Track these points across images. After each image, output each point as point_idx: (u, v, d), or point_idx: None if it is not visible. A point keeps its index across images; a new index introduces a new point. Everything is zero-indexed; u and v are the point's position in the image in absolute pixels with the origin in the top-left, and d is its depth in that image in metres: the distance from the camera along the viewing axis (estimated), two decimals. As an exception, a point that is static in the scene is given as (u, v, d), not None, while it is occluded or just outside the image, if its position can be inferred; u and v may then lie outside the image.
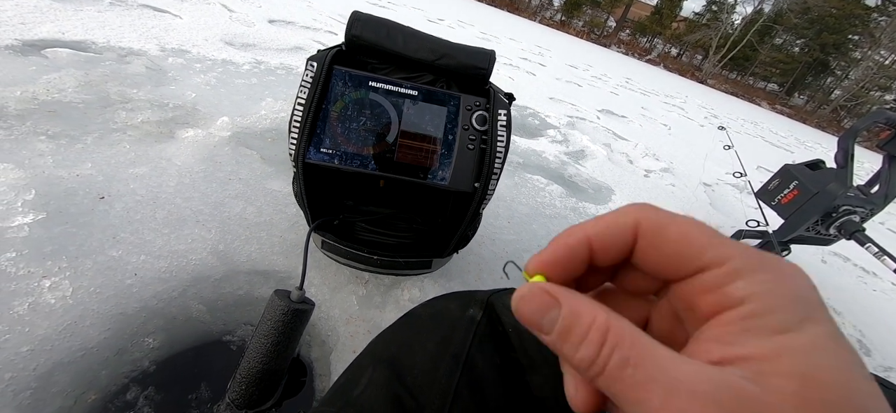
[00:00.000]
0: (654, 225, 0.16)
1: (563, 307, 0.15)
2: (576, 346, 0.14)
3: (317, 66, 0.55)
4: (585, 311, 0.15)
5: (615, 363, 0.13)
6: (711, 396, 0.12)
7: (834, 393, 0.12)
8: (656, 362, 0.13)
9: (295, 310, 0.53)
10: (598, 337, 0.14)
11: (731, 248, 0.14)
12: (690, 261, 0.15)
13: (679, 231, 0.15)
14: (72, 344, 0.54)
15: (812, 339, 0.12)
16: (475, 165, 0.59)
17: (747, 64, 28.08)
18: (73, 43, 1.18)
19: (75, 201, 0.69)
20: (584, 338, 0.14)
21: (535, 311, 0.16)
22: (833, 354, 0.12)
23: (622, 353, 0.13)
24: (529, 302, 0.16)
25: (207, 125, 0.99)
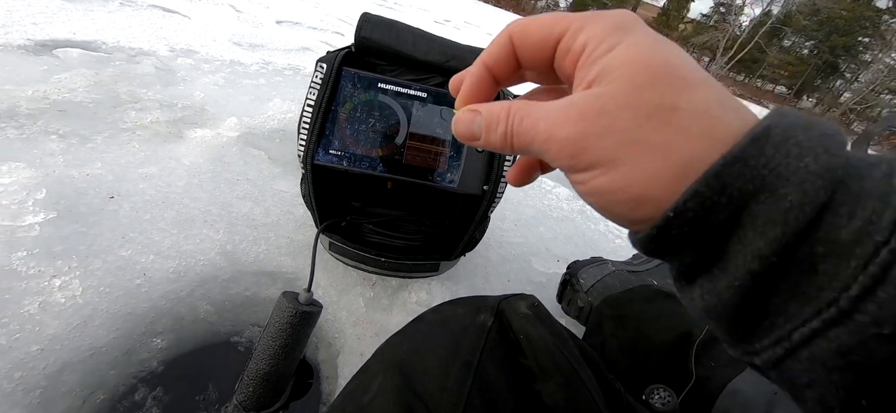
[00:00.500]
0: (521, 28, 0.20)
1: (483, 111, 0.20)
2: (494, 129, 0.20)
3: (326, 68, 0.55)
4: (495, 106, 0.20)
5: (516, 123, 0.19)
6: (572, 107, 0.17)
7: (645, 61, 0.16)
8: (540, 108, 0.18)
9: (303, 312, 0.53)
10: (505, 115, 0.19)
11: (572, 16, 0.18)
12: (549, 39, 0.19)
13: (536, 23, 0.19)
14: (81, 344, 0.54)
15: (629, 44, 0.17)
16: (484, 168, 0.59)
17: (755, 66, 27.83)
18: (83, 43, 1.19)
19: (85, 201, 0.69)
20: (498, 122, 0.19)
21: (466, 124, 0.21)
22: (644, 44, 0.16)
23: (519, 114, 0.19)
24: (461, 121, 0.21)
25: (216, 125, 1.00)
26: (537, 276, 0.88)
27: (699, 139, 0.15)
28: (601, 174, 0.16)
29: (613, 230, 1.23)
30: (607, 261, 0.78)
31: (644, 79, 0.16)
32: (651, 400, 0.42)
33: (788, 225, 0.13)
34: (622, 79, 0.16)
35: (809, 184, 0.13)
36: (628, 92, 0.16)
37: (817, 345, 0.13)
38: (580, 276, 0.74)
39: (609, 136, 0.16)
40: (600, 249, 1.09)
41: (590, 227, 1.19)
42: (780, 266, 0.14)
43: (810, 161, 0.13)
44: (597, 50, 0.17)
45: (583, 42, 0.18)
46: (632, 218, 0.17)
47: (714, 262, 0.15)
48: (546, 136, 0.18)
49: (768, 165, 0.14)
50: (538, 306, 0.37)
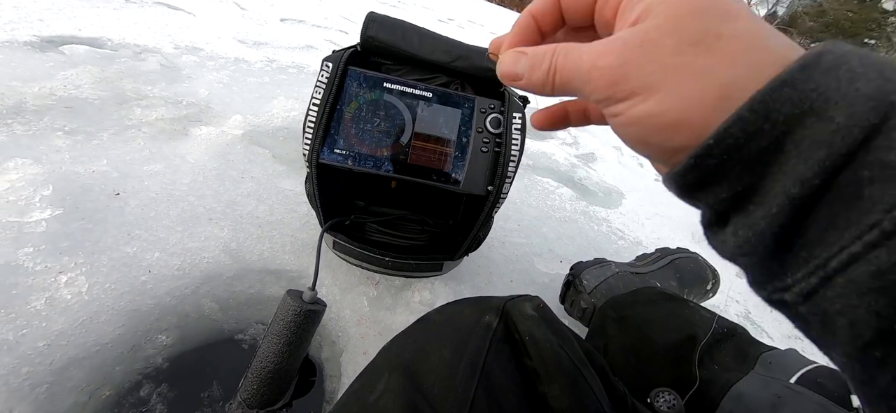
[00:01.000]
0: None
1: (528, 52, 0.21)
2: (538, 66, 0.20)
3: (332, 67, 0.55)
4: (540, 48, 0.21)
5: (560, 59, 0.19)
6: (614, 41, 0.18)
7: (656, 9, 0.17)
8: (584, 46, 0.19)
9: (307, 310, 0.53)
10: (549, 54, 0.20)
11: None
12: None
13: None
14: (87, 340, 0.54)
15: None
16: (489, 168, 0.59)
17: (760, 67, 27.69)
18: (89, 40, 1.19)
19: (91, 197, 0.70)
20: (542, 61, 0.20)
21: (511, 63, 0.22)
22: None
23: (564, 50, 0.19)
24: (507, 58, 0.22)
25: (220, 123, 1.00)
26: (540, 277, 0.88)
27: (743, 64, 0.14)
28: (639, 102, 0.16)
29: (617, 231, 1.23)
30: (611, 262, 0.78)
31: (687, 9, 0.16)
32: (656, 404, 0.42)
33: (834, 147, 0.13)
34: (665, 12, 0.16)
35: (859, 106, 0.12)
36: (672, 21, 0.16)
37: (855, 269, 0.12)
38: (583, 278, 0.74)
39: (650, 63, 0.16)
40: (604, 251, 1.09)
41: (593, 228, 1.19)
42: (822, 191, 0.13)
43: (862, 84, 0.13)
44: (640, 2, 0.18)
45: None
46: (668, 146, 0.17)
47: (750, 197, 0.15)
48: (588, 66, 0.18)
49: (817, 89, 0.13)
50: (543, 308, 0.37)
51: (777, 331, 1.05)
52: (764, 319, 1.08)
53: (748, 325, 1.03)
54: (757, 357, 0.51)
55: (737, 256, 0.16)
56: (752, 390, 0.45)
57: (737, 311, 1.06)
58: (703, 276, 0.81)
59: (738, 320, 1.03)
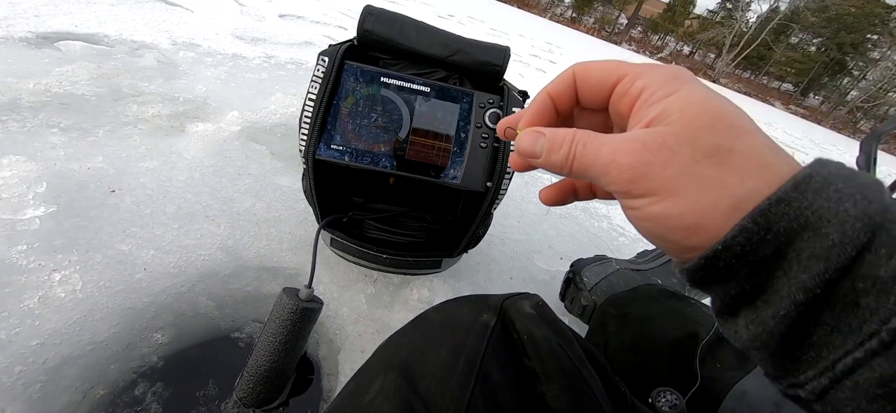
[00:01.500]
0: (584, 68, 0.23)
1: (547, 133, 0.22)
2: (557, 150, 0.21)
3: (328, 62, 0.54)
4: (560, 131, 0.22)
5: (580, 148, 0.20)
6: (634, 139, 0.19)
7: (701, 107, 0.18)
8: (603, 138, 0.20)
9: (304, 308, 0.52)
10: (569, 139, 0.21)
11: (629, 65, 0.21)
12: (607, 80, 0.22)
13: (597, 66, 0.22)
14: (81, 338, 0.54)
15: (685, 92, 0.19)
16: (488, 164, 0.58)
17: (761, 63, 27.59)
18: (85, 36, 1.18)
19: (86, 194, 0.69)
20: (561, 145, 0.21)
21: (530, 142, 0.23)
22: (699, 92, 0.18)
23: (584, 138, 0.20)
24: (526, 138, 0.23)
25: (217, 119, 0.99)
26: (540, 274, 0.88)
27: (753, 178, 0.16)
28: (658, 201, 0.18)
29: (617, 228, 1.22)
30: (611, 259, 0.77)
31: (703, 122, 0.18)
32: (658, 403, 0.41)
33: (831, 261, 0.14)
34: (682, 120, 0.18)
35: (849, 226, 0.14)
36: (688, 131, 0.18)
37: (860, 374, 0.14)
38: (584, 274, 0.73)
39: (669, 167, 0.17)
40: (604, 247, 1.08)
41: (593, 224, 1.18)
42: (824, 299, 0.15)
43: (850, 206, 0.14)
44: (655, 94, 0.19)
45: (640, 87, 0.20)
46: (683, 245, 0.18)
47: (758, 295, 0.17)
48: (608, 161, 0.19)
49: (810, 207, 0.15)
50: (542, 306, 0.36)
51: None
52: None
53: (750, 323, 1.02)
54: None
55: (750, 349, 0.17)
56: (754, 389, 0.45)
57: (738, 309, 1.05)
58: (704, 273, 0.80)
59: (740, 317, 1.02)
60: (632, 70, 0.21)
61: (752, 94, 22.12)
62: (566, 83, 0.23)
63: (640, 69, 0.21)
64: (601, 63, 0.22)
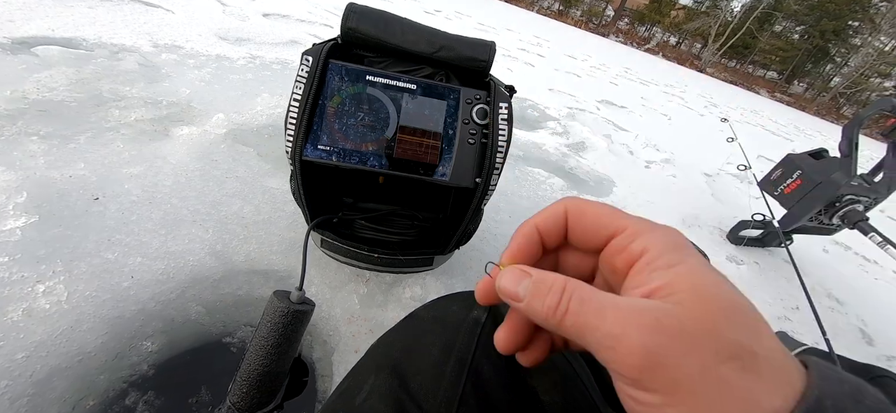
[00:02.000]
0: (577, 208, 0.21)
1: (533, 275, 0.20)
2: (543, 297, 0.19)
3: (312, 61, 0.53)
4: (549, 275, 0.19)
5: (575, 303, 0.18)
6: (646, 312, 0.16)
7: (713, 291, 0.17)
8: (605, 298, 0.18)
9: (295, 311, 0.52)
10: (559, 288, 0.19)
11: (627, 218, 0.20)
12: (603, 229, 0.20)
13: (593, 210, 0.21)
14: (68, 349, 0.53)
15: (691, 267, 0.18)
16: (476, 160, 0.58)
17: (747, 52, 27.95)
18: (63, 40, 1.16)
19: (69, 203, 0.68)
20: (549, 291, 0.19)
21: (513, 281, 0.20)
22: (707, 273, 0.18)
23: (579, 294, 0.18)
24: (508, 278, 0.20)
25: (203, 122, 0.98)
26: (532, 268, 0.88)
27: (779, 394, 0.16)
28: (675, 403, 0.16)
29: (608, 219, 1.23)
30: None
31: (720, 311, 0.16)
32: None
33: None
34: (696, 304, 0.16)
35: None
36: (707, 320, 0.16)
37: None
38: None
39: (689, 359, 0.16)
40: (595, 239, 1.09)
41: (584, 216, 1.19)
42: None
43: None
44: (658, 261, 0.18)
45: (642, 247, 0.19)
46: None
47: None
48: (615, 332, 0.17)
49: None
50: (533, 300, 0.36)
51: (767, 313, 1.06)
52: (754, 298, 1.09)
53: (738, 308, 1.04)
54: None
55: None
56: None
57: (727, 295, 1.07)
58: (693, 261, 0.81)
59: (729, 303, 1.04)
60: (631, 225, 0.20)
61: (738, 83, 22.40)
62: (557, 218, 0.22)
63: (639, 226, 0.19)
64: (596, 207, 0.21)
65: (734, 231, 1.38)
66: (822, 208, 1.17)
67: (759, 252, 1.38)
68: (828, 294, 1.29)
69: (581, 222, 0.21)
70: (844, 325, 1.16)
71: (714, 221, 1.50)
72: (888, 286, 1.53)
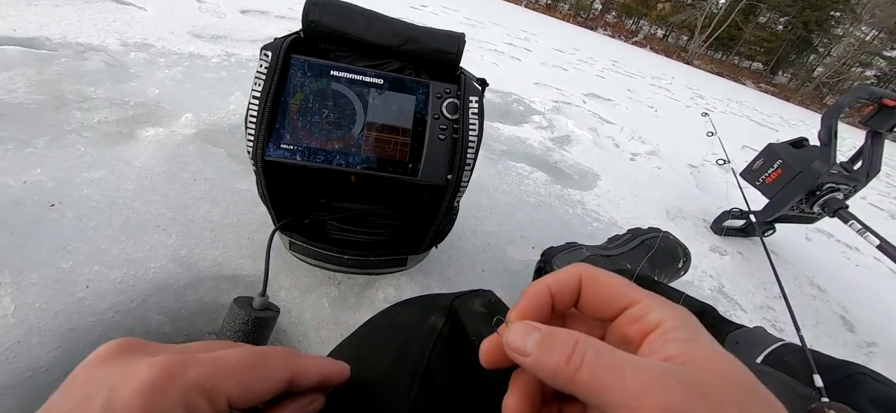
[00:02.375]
0: (591, 276, 0.22)
1: (542, 329, 0.20)
2: (554, 350, 0.18)
3: (272, 56, 0.51)
4: (559, 329, 0.19)
5: (590, 357, 0.17)
6: (669, 374, 0.17)
7: (730, 367, 0.17)
8: (623, 356, 0.18)
9: (256, 318, 0.50)
10: (571, 341, 0.18)
11: (640, 291, 0.21)
12: (618, 299, 0.21)
13: (607, 280, 0.21)
14: (17, 365, 0.50)
15: (706, 344, 0.18)
16: (447, 157, 0.56)
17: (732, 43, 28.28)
18: (25, 40, 1.11)
19: (22, 210, 0.64)
20: (559, 344, 0.18)
21: (521, 334, 0.20)
22: (722, 350, 0.18)
23: (595, 348, 0.18)
24: (516, 332, 0.20)
25: (170, 123, 0.94)
26: (513, 265, 0.86)
27: None
28: None
29: (591, 213, 1.22)
30: (582, 246, 0.77)
31: (742, 384, 0.17)
32: None
33: None
34: (715, 376, 0.17)
35: None
36: (730, 390, 0.16)
37: None
38: (554, 263, 0.73)
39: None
40: (577, 234, 1.08)
41: (567, 211, 1.18)
42: None
43: None
44: (674, 332, 0.19)
45: (658, 319, 0.19)
46: None
47: None
48: (636, 391, 0.16)
49: None
50: (495, 303, 0.34)
51: (750, 302, 1.07)
52: (736, 291, 1.09)
53: (722, 299, 1.04)
54: (725, 337, 0.50)
55: None
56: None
57: (710, 286, 1.07)
58: (674, 254, 0.81)
59: (712, 295, 1.03)
60: (645, 298, 0.20)
61: (725, 74, 22.65)
62: (570, 282, 0.22)
63: (654, 300, 0.20)
64: (610, 277, 0.21)
65: (717, 222, 1.38)
66: (803, 197, 1.17)
67: (742, 242, 1.38)
68: (810, 282, 1.30)
69: (594, 289, 0.22)
70: (826, 313, 1.17)
71: (698, 212, 1.50)
72: (869, 273, 1.55)
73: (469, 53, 3.04)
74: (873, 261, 1.66)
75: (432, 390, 0.28)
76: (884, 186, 3.56)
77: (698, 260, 1.16)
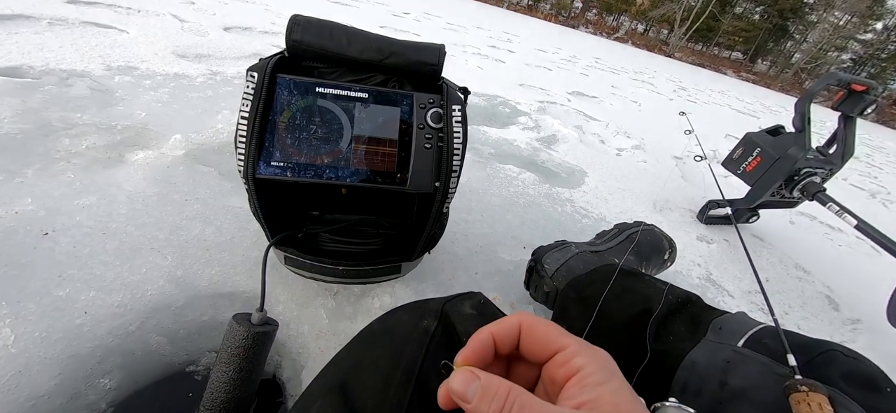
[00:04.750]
0: (530, 323, 0.25)
1: (482, 379, 0.22)
2: (489, 402, 0.21)
3: (258, 76, 0.52)
4: (495, 381, 0.22)
5: (516, 408, 0.20)
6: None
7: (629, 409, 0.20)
8: (543, 408, 0.21)
9: (256, 333, 0.51)
10: (503, 394, 0.21)
11: (571, 338, 0.24)
12: (549, 345, 0.24)
13: (543, 329, 0.24)
14: (18, 395, 0.50)
15: (614, 389, 0.21)
16: (434, 165, 0.58)
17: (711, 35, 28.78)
18: (7, 69, 1.10)
19: (15, 241, 0.65)
20: (494, 396, 0.21)
21: (463, 384, 0.22)
22: (627, 394, 0.21)
23: (521, 401, 0.21)
24: (459, 380, 0.23)
25: (160, 145, 0.95)
26: (505, 265, 0.88)
27: None
28: None
29: (580, 210, 1.25)
30: (571, 243, 0.79)
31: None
32: None
33: None
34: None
35: None
36: None
37: None
38: (544, 262, 0.75)
39: None
40: (568, 231, 1.11)
41: (557, 209, 1.20)
42: None
43: None
44: (590, 378, 0.21)
45: (579, 365, 0.22)
46: None
47: None
48: None
49: None
50: (484, 304, 0.36)
51: (737, 288, 1.10)
52: (724, 279, 1.12)
53: (710, 286, 1.07)
54: (708, 324, 0.52)
55: None
56: (703, 358, 0.46)
57: (699, 274, 1.10)
58: (659, 246, 0.83)
59: (700, 282, 1.06)
60: (572, 344, 0.23)
61: (706, 65, 23.05)
62: (511, 329, 0.25)
63: (579, 347, 0.23)
64: (546, 325, 0.24)
65: (703, 211, 1.41)
66: (783, 182, 1.21)
67: (728, 229, 1.42)
68: (795, 265, 1.34)
69: (531, 336, 0.24)
70: (812, 293, 1.21)
71: (685, 203, 1.54)
72: (851, 252, 1.60)
73: (452, 59, 3.07)
74: (855, 240, 1.71)
75: (426, 391, 0.29)
76: (864, 167, 3.66)
77: (686, 249, 1.19)
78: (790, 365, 0.40)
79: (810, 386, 0.36)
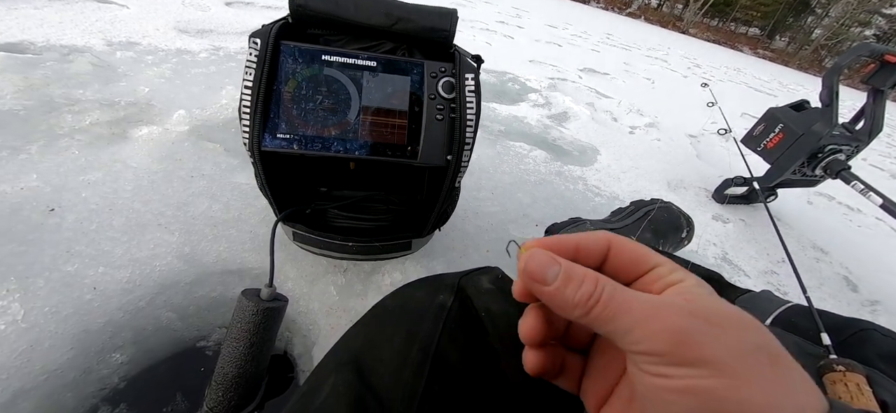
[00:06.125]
0: (620, 242, 0.23)
1: (563, 264, 0.20)
2: (576, 288, 0.19)
3: (261, 43, 0.50)
4: (579, 267, 0.20)
5: (608, 293, 0.19)
6: (677, 302, 0.18)
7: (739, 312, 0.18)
8: (634, 293, 0.19)
9: (265, 309, 0.50)
10: (592, 280, 0.19)
11: (663, 258, 0.22)
12: (644, 263, 0.22)
13: (632, 246, 0.22)
14: (31, 369, 0.50)
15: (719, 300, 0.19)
16: (446, 137, 0.55)
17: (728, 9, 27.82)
18: (7, 45, 1.08)
19: (22, 217, 0.64)
20: (581, 283, 0.19)
21: (541, 266, 0.20)
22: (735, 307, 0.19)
23: (611, 287, 0.19)
24: (536, 260, 0.20)
25: (164, 121, 0.93)
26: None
27: (812, 393, 0.17)
28: (711, 377, 0.16)
29: (592, 189, 1.22)
30: (586, 221, 0.76)
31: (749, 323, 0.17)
32: None
33: None
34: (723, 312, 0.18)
35: None
36: (735, 320, 0.17)
37: None
38: (558, 239, 0.73)
39: (723, 340, 0.16)
40: (580, 209, 1.08)
41: (569, 187, 1.17)
42: None
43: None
44: (689, 290, 0.19)
45: (680, 277, 0.20)
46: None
47: None
48: (645, 315, 0.18)
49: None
50: (502, 279, 0.34)
51: (753, 268, 1.07)
52: (740, 258, 1.09)
53: (726, 266, 1.04)
54: (733, 302, 0.50)
55: None
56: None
57: (714, 254, 1.07)
58: (676, 224, 0.80)
59: (716, 262, 1.04)
60: (667, 263, 0.21)
61: (721, 42, 22.34)
62: (598, 245, 0.22)
63: (673, 265, 0.21)
64: (634, 244, 0.23)
65: (719, 190, 1.37)
66: (805, 160, 1.17)
67: (745, 209, 1.38)
68: (813, 245, 1.31)
69: (621, 253, 0.22)
70: (830, 274, 1.18)
71: (699, 182, 1.50)
72: (871, 233, 1.56)
73: (460, 34, 2.99)
74: (875, 221, 1.66)
75: (444, 367, 0.28)
76: (884, 147, 3.55)
77: (701, 229, 1.16)
78: (824, 344, 0.38)
79: (847, 365, 0.34)
